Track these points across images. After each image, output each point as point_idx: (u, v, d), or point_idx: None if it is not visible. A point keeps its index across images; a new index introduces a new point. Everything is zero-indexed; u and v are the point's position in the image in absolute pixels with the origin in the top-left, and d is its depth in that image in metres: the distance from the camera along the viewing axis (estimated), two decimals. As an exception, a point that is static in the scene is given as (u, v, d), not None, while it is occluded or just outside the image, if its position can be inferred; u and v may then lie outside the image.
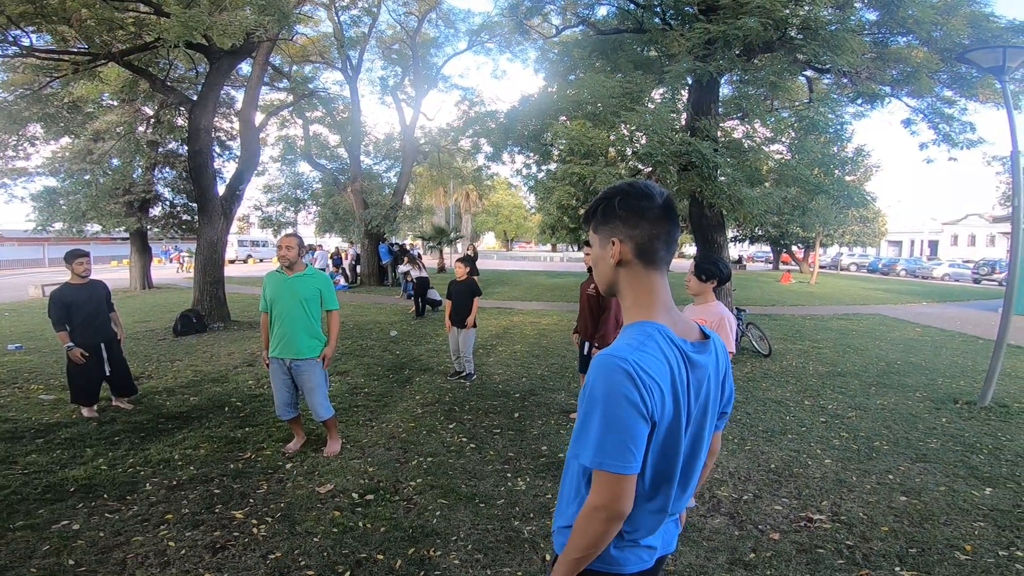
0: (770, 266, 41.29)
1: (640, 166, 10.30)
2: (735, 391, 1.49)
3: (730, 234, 27.08)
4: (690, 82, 9.27)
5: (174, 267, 30.88)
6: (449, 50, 21.84)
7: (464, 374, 6.70)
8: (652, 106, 9.12)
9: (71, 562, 2.81)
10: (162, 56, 11.56)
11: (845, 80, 9.00)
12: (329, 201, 23.42)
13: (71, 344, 4.96)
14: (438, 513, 3.40)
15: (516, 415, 5.39)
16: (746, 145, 9.29)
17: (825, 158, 8.73)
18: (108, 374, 5.23)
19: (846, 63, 7.61)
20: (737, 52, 8.20)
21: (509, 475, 3.99)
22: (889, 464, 4.28)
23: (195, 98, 11.01)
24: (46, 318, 5.10)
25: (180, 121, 16.75)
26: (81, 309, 5.05)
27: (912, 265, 36.06)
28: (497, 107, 18.22)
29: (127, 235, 18.39)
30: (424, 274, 12.93)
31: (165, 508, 3.39)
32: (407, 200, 24.65)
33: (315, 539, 3.07)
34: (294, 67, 19.23)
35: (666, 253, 1.25)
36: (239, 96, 16.35)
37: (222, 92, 13.95)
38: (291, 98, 19.32)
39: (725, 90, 10.62)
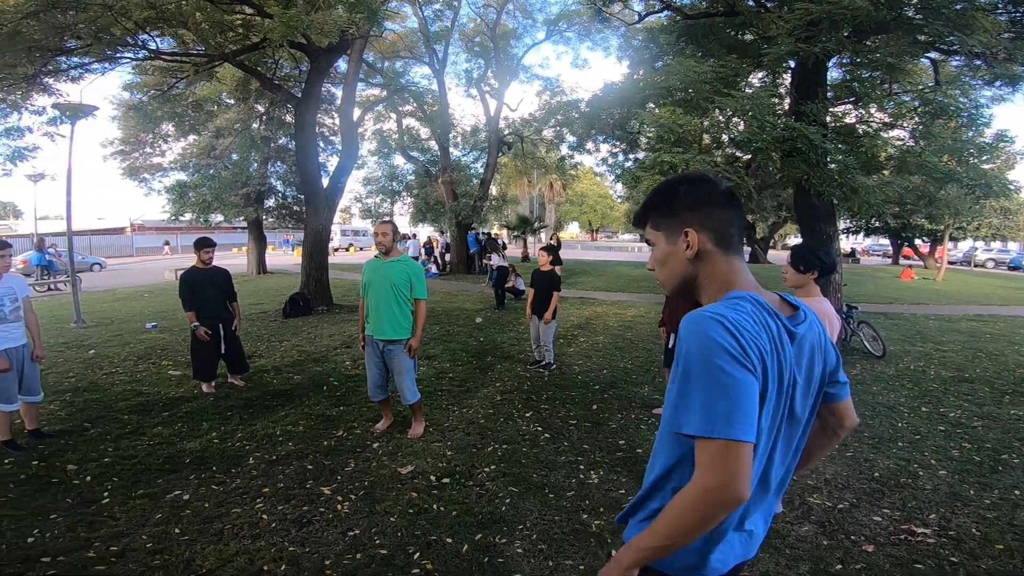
0: (888, 260, 37.58)
1: (738, 153, 9.70)
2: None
3: (842, 225, 24.84)
4: (792, 65, 8.58)
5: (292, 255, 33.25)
6: (528, 40, 21.90)
7: (544, 363, 6.74)
8: (750, 91, 8.53)
9: (177, 531, 3.08)
10: (268, 56, 12.54)
11: (979, 62, 7.89)
12: (421, 192, 24.31)
13: (197, 324, 5.53)
14: (508, 501, 3.46)
15: (594, 407, 5.34)
16: (860, 131, 8.44)
17: (957, 144, 7.73)
18: (224, 352, 5.79)
19: (978, 44, 6.66)
20: (846, 33, 7.44)
21: (582, 467, 3.98)
22: (1017, 479, 3.81)
23: (299, 95, 11.82)
24: (178, 299, 5.72)
25: (288, 118, 18.10)
26: (203, 292, 5.62)
27: (1067, 261, 31.28)
28: (579, 95, 17.95)
29: (245, 224, 20.19)
30: (505, 263, 13.03)
31: (263, 482, 3.69)
32: (493, 190, 24.98)
33: (392, 518, 3.23)
34: (386, 63, 20.09)
35: (740, 240, 1.20)
36: (338, 93, 17.33)
37: (323, 89, 14.86)
38: (384, 93, 20.22)
39: (833, 73, 9.68)
